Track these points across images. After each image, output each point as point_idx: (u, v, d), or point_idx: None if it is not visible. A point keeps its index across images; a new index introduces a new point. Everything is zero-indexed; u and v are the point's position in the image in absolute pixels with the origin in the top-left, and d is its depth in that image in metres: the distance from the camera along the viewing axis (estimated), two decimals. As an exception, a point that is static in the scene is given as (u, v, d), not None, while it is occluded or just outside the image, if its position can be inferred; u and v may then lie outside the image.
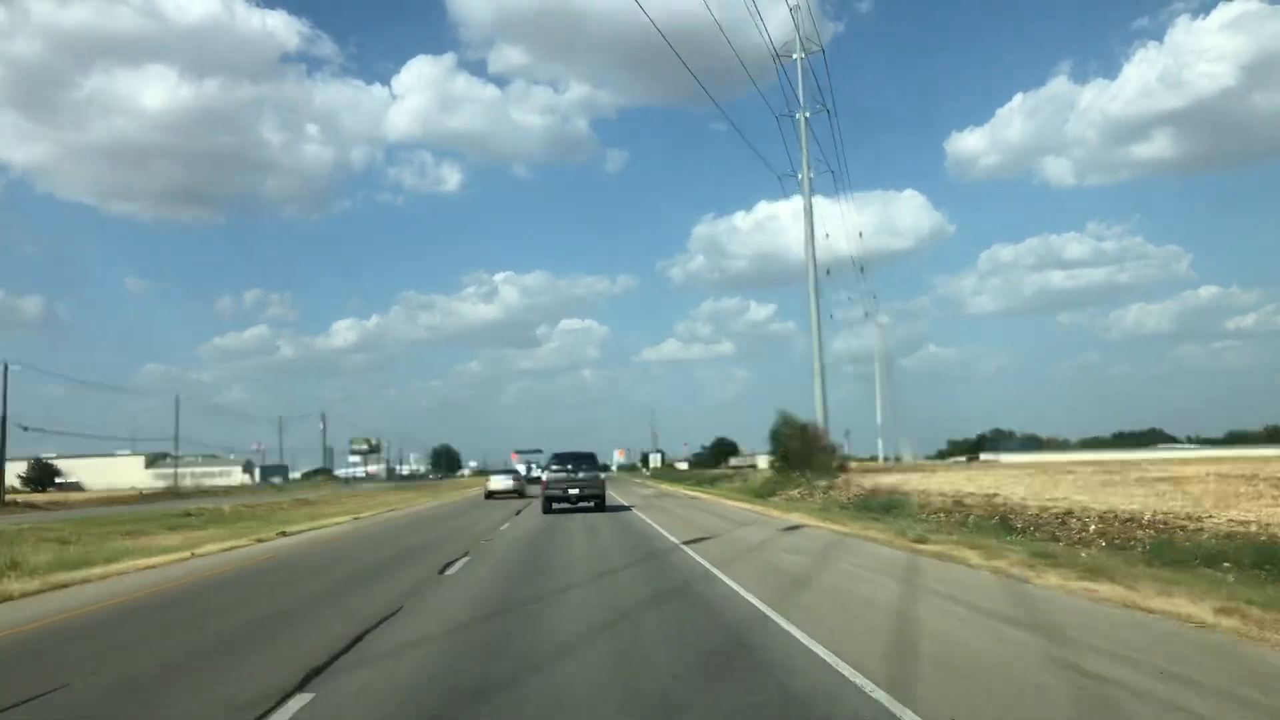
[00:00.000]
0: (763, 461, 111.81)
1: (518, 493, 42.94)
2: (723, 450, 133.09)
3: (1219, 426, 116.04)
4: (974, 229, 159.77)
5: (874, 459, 76.69)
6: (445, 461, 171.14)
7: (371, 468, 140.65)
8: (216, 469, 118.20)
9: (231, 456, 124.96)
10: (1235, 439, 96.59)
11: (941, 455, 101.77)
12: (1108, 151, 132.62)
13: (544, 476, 29.35)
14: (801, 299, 43.62)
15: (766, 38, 41.95)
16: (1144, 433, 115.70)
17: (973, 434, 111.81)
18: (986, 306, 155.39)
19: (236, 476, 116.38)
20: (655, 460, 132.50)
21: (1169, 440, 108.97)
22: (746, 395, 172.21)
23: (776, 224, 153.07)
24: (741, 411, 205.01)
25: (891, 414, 77.63)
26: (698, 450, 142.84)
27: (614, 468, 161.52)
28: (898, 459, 74.84)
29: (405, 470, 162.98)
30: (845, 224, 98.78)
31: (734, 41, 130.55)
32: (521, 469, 58.38)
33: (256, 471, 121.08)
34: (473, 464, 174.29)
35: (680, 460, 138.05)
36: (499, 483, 43.87)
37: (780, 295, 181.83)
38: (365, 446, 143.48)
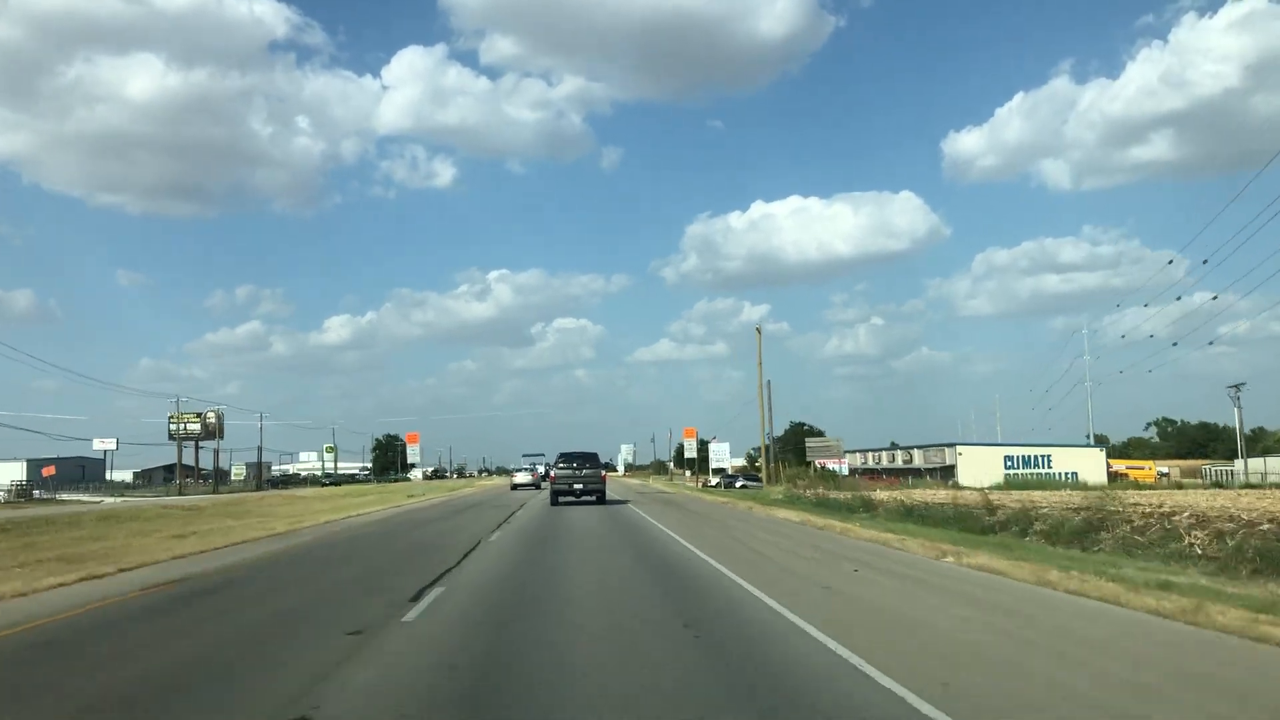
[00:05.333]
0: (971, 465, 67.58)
1: (535, 486, 54.40)
2: (802, 441, 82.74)
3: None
4: (969, 231, 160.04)
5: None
6: (386, 460, 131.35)
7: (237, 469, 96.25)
8: None
9: None
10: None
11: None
12: (1106, 154, 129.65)
13: (551, 472, 31.91)
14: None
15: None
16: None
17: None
18: (982, 309, 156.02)
19: None
20: (722, 453, 78.36)
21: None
22: (743, 394, 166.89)
23: (771, 223, 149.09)
24: (734, 409, 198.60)
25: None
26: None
27: (621, 467, 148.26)
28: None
29: (325, 470, 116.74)
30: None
31: (734, 31, 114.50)
32: (528, 466, 71.83)
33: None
34: (418, 473, 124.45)
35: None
36: (521, 478, 60.40)
37: (774, 296, 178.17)
38: (197, 427, 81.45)
